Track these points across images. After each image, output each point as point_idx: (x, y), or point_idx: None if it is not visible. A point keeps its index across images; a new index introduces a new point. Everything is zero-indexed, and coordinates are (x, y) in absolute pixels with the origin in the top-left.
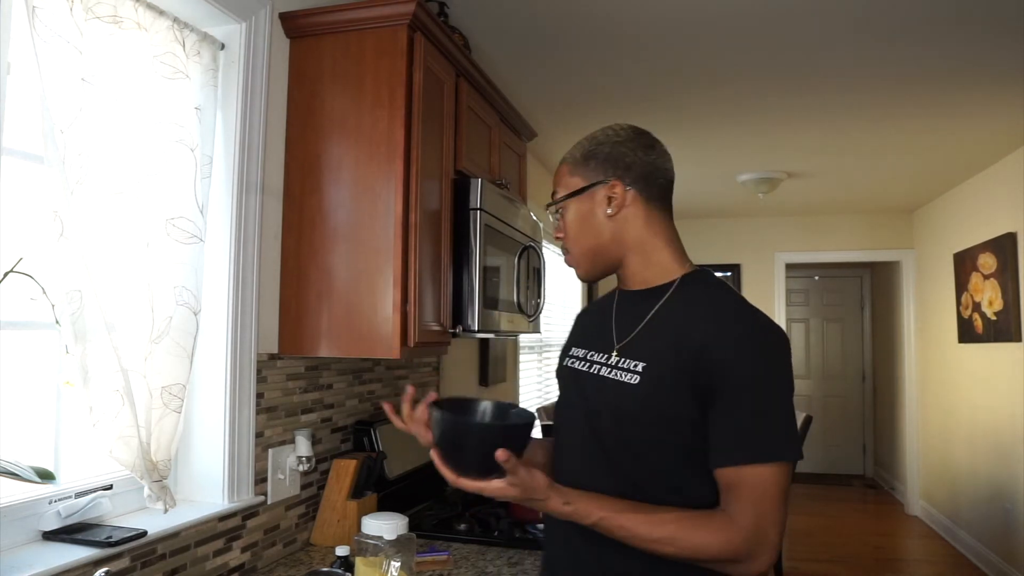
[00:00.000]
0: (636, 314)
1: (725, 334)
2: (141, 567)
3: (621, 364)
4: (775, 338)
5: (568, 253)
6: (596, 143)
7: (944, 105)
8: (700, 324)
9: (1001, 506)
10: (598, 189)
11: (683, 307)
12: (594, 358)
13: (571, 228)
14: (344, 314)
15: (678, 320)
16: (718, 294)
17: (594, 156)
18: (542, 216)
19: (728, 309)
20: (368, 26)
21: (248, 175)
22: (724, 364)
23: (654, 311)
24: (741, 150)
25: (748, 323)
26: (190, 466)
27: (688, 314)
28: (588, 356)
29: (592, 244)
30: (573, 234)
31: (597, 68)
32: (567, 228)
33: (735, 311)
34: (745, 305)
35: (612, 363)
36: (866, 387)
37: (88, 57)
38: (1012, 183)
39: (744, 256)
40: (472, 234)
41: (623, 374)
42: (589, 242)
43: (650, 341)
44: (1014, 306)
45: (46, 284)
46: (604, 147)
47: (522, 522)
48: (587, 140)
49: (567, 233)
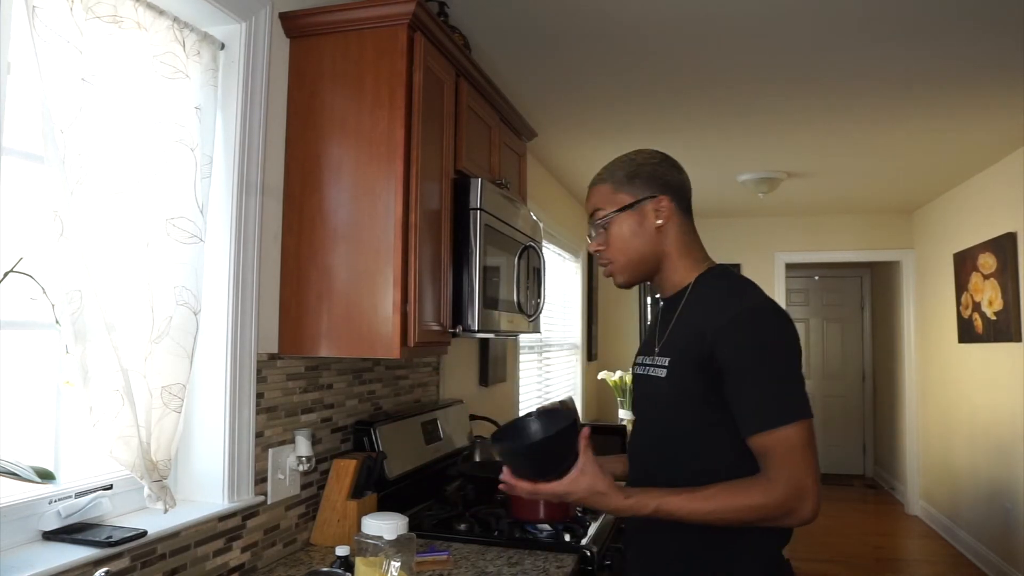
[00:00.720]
0: (667, 317)
1: (722, 319)
2: (141, 567)
3: (657, 362)
4: (767, 313)
5: (612, 263)
6: (637, 164)
7: (944, 105)
8: (703, 315)
9: (1001, 506)
10: (646, 204)
11: (696, 304)
12: (645, 362)
13: (617, 240)
14: (344, 314)
15: (693, 316)
16: (718, 284)
17: (638, 175)
18: (540, 218)
19: (723, 296)
20: (368, 26)
21: (248, 175)
22: (725, 346)
23: (678, 312)
24: (741, 150)
25: (739, 305)
26: (190, 466)
27: (698, 309)
28: (642, 361)
29: (638, 254)
30: (620, 246)
31: (597, 68)
32: (612, 240)
33: (728, 296)
34: (738, 289)
35: (653, 363)
36: (866, 387)
37: (88, 57)
38: (1012, 183)
39: (744, 256)
40: (472, 234)
41: (657, 370)
42: (635, 252)
43: (674, 338)
44: (1014, 306)
45: (46, 284)
46: (646, 168)
47: (522, 522)
48: (625, 162)
49: (612, 245)
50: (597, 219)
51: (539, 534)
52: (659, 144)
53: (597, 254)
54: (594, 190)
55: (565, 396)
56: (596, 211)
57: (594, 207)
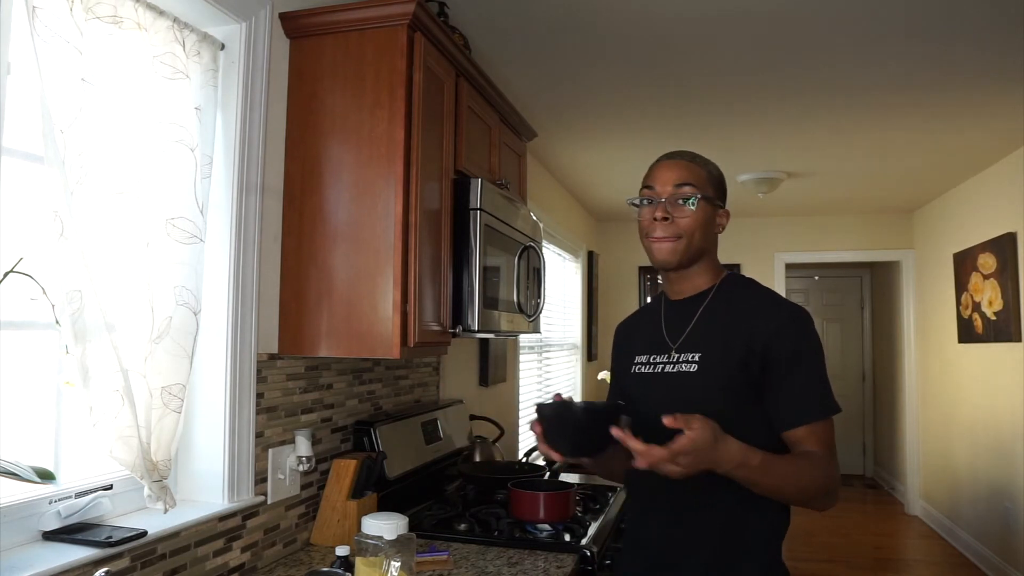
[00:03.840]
0: (684, 317)
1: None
2: (141, 567)
3: (681, 359)
4: (806, 316)
5: (680, 238)
6: (720, 173)
7: (944, 105)
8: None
9: (1001, 506)
10: (721, 210)
11: (726, 305)
12: (656, 360)
13: (695, 222)
14: (344, 314)
15: (724, 317)
16: (751, 288)
17: (721, 184)
18: (540, 218)
19: (766, 298)
20: (368, 26)
21: (248, 175)
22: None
23: (700, 312)
24: (741, 150)
25: (790, 307)
26: (190, 466)
27: (732, 311)
28: (651, 360)
29: (700, 243)
30: (695, 227)
31: (597, 68)
32: (695, 220)
33: (773, 299)
34: (775, 294)
35: (674, 360)
36: (866, 387)
37: (88, 57)
38: (1012, 183)
39: (744, 256)
40: (472, 234)
41: (684, 365)
42: (700, 240)
43: (701, 336)
44: (1014, 306)
45: (46, 284)
46: (724, 181)
47: (522, 522)
48: (713, 165)
49: (694, 222)
50: (687, 194)
51: (539, 534)
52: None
53: (665, 221)
54: (688, 166)
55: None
56: (687, 185)
57: (685, 181)
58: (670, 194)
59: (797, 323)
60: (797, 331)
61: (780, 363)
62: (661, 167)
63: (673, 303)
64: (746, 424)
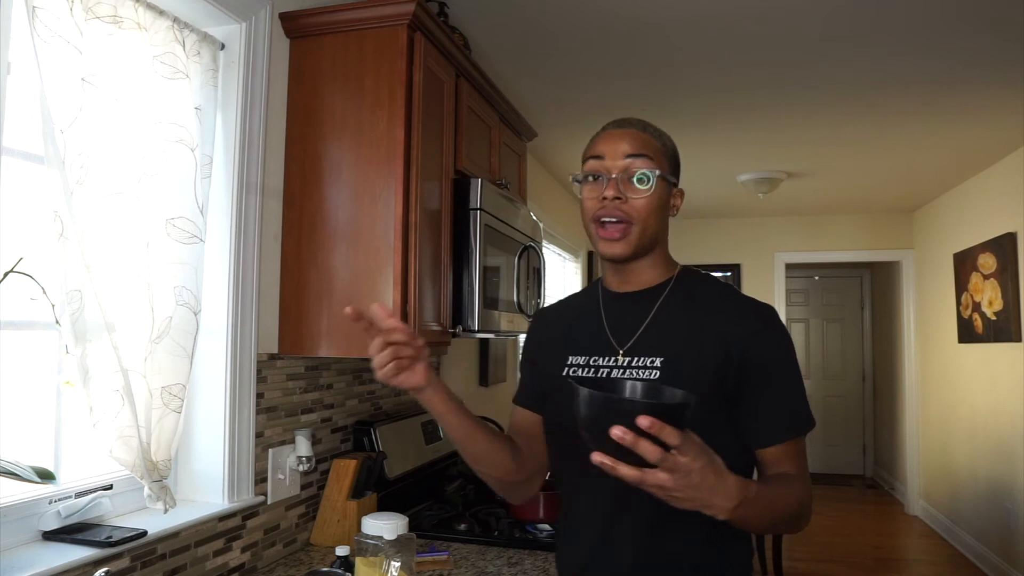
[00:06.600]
0: (635, 314)
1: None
2: (141, 567)
3: (635, 363)
4: (779, 317)
5: (633, 224)
6: (674, 147)
7: (944, 105)
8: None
9: (1001, 505)
10: (675, 190)
11: (690, 303)
12: (599, 363)
13: (651, 205)
14: (344, 314)
15: (688, 317)
16: (717, 288)
17: (676, 159)
18: (540, 218)
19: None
20: (368, 26)
21: (248, 175)
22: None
23: (656, 309)
24: (741, 150)
25: (762, 310)
26: (190, 466)
27: (698, 310)
28: (592, 362)
29: (654, 229)
30: (649, 210)
31: (597, 68)
32: (650, 203)
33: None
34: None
35: (623, 364)
36: (866, 387)
37: (88, 57)
38: (1012, 183)
39: (744, 256)
40: (472, 234)
41: (639, 371)
42: (655, 225)
43: (661, 339)
44: (1014, 306)
45: (46, 284)
46: (678, 156)
47: (522, 522)
48: (667, 137)
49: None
50: (642, 167)
51: (539, 534)
52: None
53: (617, 201)
54: (641, 136)
55: None
56: (642, 157)
57: (640, 152)
58: (623, 168)
59: (775, 328)
60: (776, 337)
61: (758, 373)
62: (609, 135)
63: (617, 296)
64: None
